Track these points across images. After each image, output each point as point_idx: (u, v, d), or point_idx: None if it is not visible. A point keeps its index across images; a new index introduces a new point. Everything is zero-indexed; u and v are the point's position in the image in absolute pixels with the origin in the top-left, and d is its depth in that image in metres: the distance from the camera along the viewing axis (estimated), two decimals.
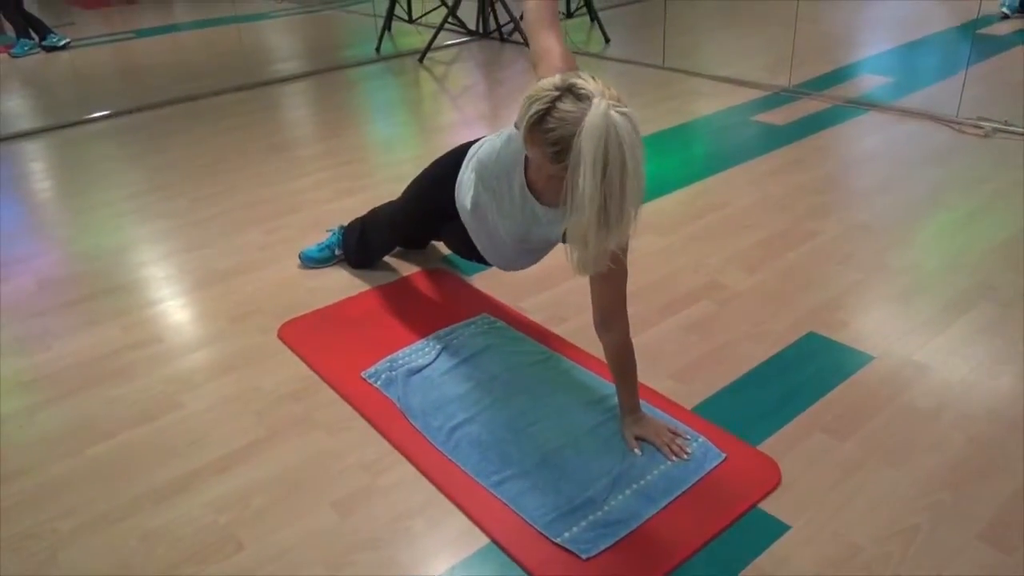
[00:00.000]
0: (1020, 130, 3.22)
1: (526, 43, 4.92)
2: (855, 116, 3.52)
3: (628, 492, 1.56)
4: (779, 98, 3.82)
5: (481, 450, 1.69)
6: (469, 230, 1.94)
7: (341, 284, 2.40)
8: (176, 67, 5.14)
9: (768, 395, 1.84)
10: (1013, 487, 1.55)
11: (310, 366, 2.02)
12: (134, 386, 1.98)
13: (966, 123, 3.32)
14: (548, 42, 1.57)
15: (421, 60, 4.83)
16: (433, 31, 4.87)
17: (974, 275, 2.27)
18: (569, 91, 1.33)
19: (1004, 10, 4.97)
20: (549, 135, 1.34)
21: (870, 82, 3.95)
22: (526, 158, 1.62)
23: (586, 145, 1.26)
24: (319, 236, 2.63)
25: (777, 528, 1.48)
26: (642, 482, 1.59)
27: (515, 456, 1.66)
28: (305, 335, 2.15)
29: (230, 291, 2.39)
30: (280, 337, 2.15)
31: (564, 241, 1.66)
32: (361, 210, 2.69)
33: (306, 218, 2.85)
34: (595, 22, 5.30)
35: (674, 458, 1.63)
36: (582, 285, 2.32)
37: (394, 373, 1.94)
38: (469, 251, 2.03)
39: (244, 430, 1.81)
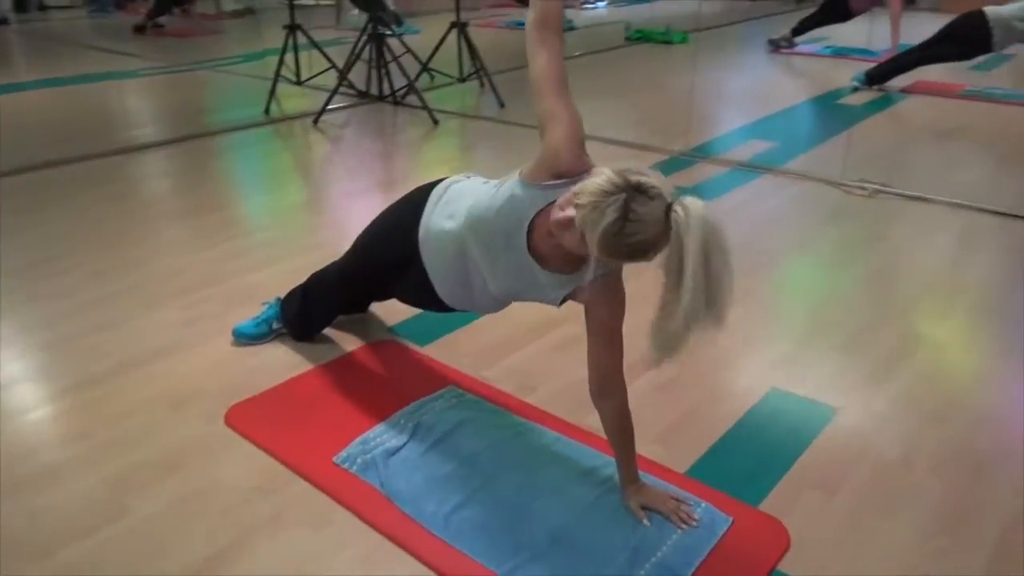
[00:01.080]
0: (898, 191, 3.53)
1: (424, 107, 4.99)
2: (751, 179, 3.74)
3: (648, 567, 1.52)
4: (679, 162, 4.01)
5: (486, 534, 1.60)
6: (435, 275, 1.83)
7: (283, 362, 2.24)
8: (48, 127, 4.74)
9: (751, 454, 1.86)
10: (1000, 523, 1.64)
11: (272, 455, 1.85)
12: (64, 492, 1.74)
13: (851, 185, 3.60)
14: (556, 105, 1.54)
15: (315, 123, 4.71)
16: (321, 92, 4.77)
17: (901, 326, 2.44)
18: (636, 191, 1.31)
19: (855, 83, 5.49)
20: (629, 240, 1.31)
21: (758, 147, 4.22)
22: (530, 224, 1.58)
23: (692, 245, 1.26)
24: (246, 310, 2.46)
25: None
26: (659, 554, 1.55)
27: (524, 538, 1.59)
28: (258, 420, 1.98)
29: (160, 375, 2.17)
30: (229, 424, 1.97)
31: (556, 303, 1.64)
32: (285, 280, 2.55)
33: (228, 291, 2.65)
34: (484, 86, 5.39)
35: (683, 526, 1.61)
36: (541, 350, 2.32)
37: (369, 456, 1.81)
38: (426, 300, 1.93)
39: (210, 535, 1.62)
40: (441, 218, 1.79)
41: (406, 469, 1.78)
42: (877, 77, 5.41)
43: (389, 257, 1.95)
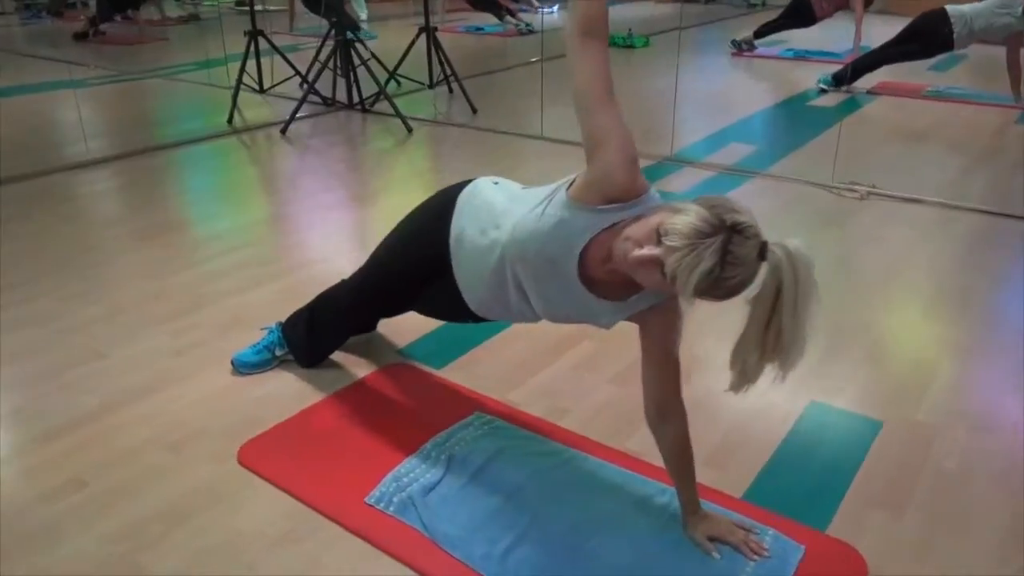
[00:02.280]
0: (889, 193, 3.52)
1: (397, 114, 4.82)
2: (741, 183, 3.69)
3: None
4: (665, 167, 3.94)
5: None
6: (467, 288, 1.71)
7: (291, 391, 2.07)
8: None
9: (806, 473, 1.78)
10: None
11: (295, 497, 1.69)
12: (66, 551, 1.55)
13: (842, 188, 3.58)
14: (607, 122, 1.41)
15: (283, 132, 4.51)
16: (284, 101, 4.57)
17: (922, 331, 2.39)
18: (733, 232, 1.23)
19: (822, 85, 5.53)
20: (726, 283, 1.24)
21: (740, 150, 4.19)
22: (584, 250, 1.45)
23: (790, 285, 1.24)
24: (239, 335, 2.29)
25: None
26: None
27: None
28: (274, 458, 1.81)
29: (155, 412, 1.99)
30: (243, 463, 1.80)
31: (608, 328, 1.54)
32: (276, 301, 2.40)
33: (216, 315, 2.47)
34: (453, 92, 5.26)
35: (755, 557, 1.51)
36: (564, 369, 2.20)
37: (405, 494, 1.67)
38: (455, 312, 1.81)
39: None
40: (474, 230, 1.66)
41: (447, 508, 1.64)
42: (844, 78, 5.45)
43: (415, 268, 1.82)
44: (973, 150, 4.33)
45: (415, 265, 1.81)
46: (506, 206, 1.62)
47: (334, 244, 3.06)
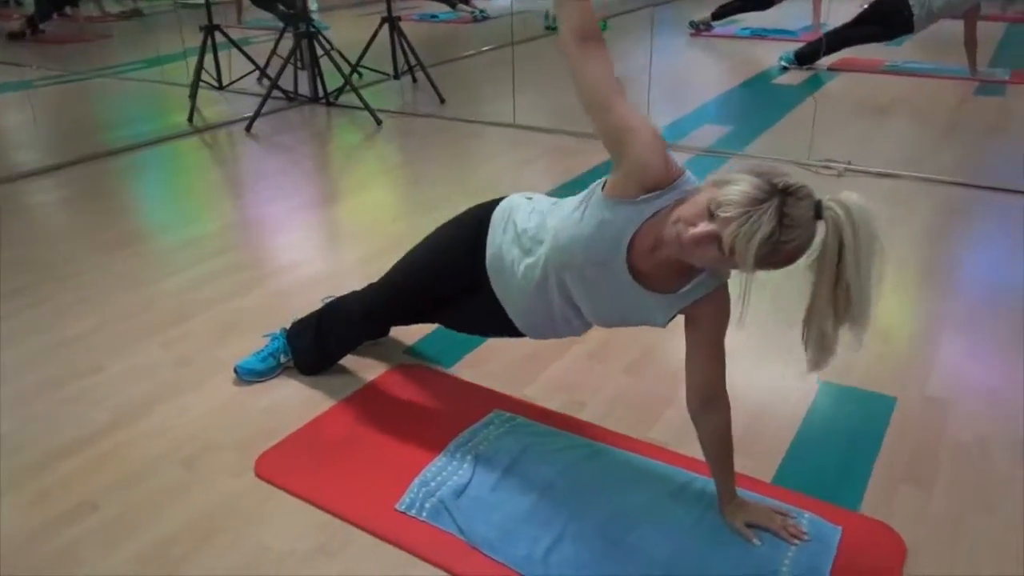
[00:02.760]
0: (865, 169, 3.57)
1: (366, 107, 4.71)
2: (720, 164, 3.69)
3: None
4: None
5: (591, 574, 1.45)
6: (512, 307, 1.69)
7: (301, 398, 2.02)
8: None
9: (831, 454, 1.79)
10: None
11: (321, 507, 1.64)
12: None
13: (818, 165, 3.62)
14: (626, 116, 1.39)
15: (248, 130, 4.38)
16: (244, 97, 4.44)
17: (916, 306, 2.43)
18: (786, 194, 1.22)
19: (784, 63, 5.59)
20: (786, 246, 1.23)
21: (715, 131, 4.21)
22: (630, 244, 1.43)
23: (853, 241, 1.22)
24: (238, 343, 2.22)
25: None
26: None
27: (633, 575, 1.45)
28: (293, 469, 1.76)
29: (162, 426, 1.91)
30: (261, 476, 1.74)
31: (664, 325, 1.52)
32: (271, 306, 2.34)
33: (209, 323, 2.39)
34: (417, 82, 5.18)
35: (796, 542, 1.52)
36: (576, 360, 2.18)
37: (435, 499, 1.64)
38: (495, 327, 1.79)
39: None
40: (513, 248, 1.64)
41: (481, 510, 1.61)
42: (806, 57, 5.52)
43: (447, 285, 1.79)
44: (938, 123, 4.42)
45: (451, 281, 1.79)
46: (542, 219, 1.60)
47: (316, 245, 2.99)
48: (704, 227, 1.26)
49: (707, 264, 1.36)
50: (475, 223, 1.72)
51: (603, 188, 1.47)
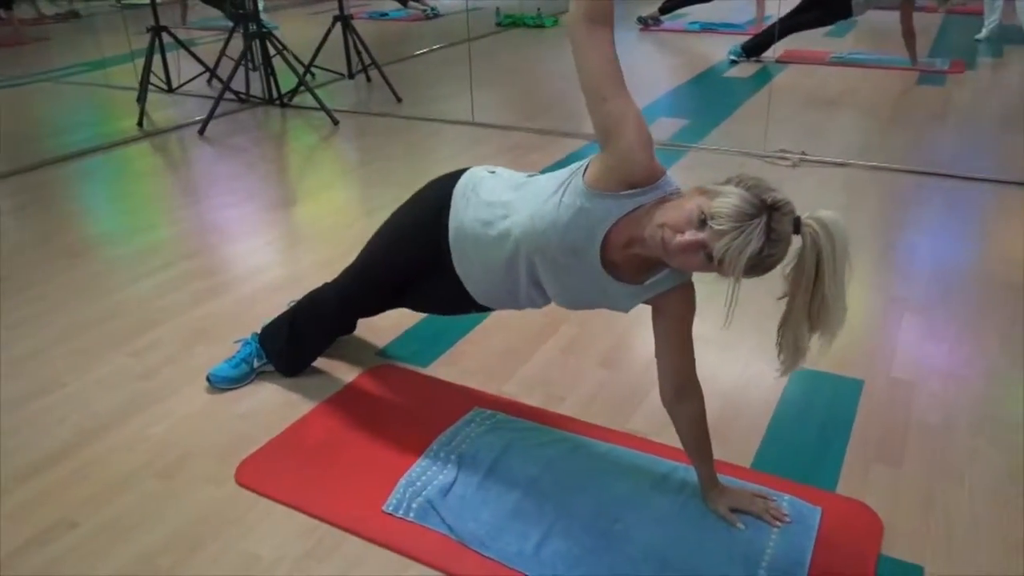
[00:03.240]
0: (819, 159, 3.67)
1: (321, 107, 4.64)
2: (679, 158, 3.76)
3: (763, 574, 1.46)
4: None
5: (582, 565, 1.48)
6: (471, 280, 1.69)
7: (278, 403, 1.99)
8: None
9: (805, 437, 1.84)
10: None
11: (308, 513, 1.63)
12: None
13: (774, 156, 3.70)
14: (621, 108, 1.40)
15: (202, 133, 4.30)
16: (194, 99, 4.35)
17: (882, 289, 2.51)
18: (773, 210, 1.27)
19: (732, 56, 5.69)
20: (768, 260, 1.28)
21: (671, 125, 4.27)
22: (606, 236, 1.45)
23: (830, 254, 1.29)
24: (208, 350, 2.20)
25: (914, 572, 1.47)
26: (767, 558, 1.49)
27: (624, 564, 1.48)
28: (275, 475, 1.74)
29: (136, 439, 1.87)
30: (243, 484, 1.72)
31: (627, 311, 1.55)
32: (239, 311, 2.32)
33: (177, 330, 2.34)
34: (372, 81, 5.14)
35: (777, 524, 1.56)
36: (551, 355, 2.20)
37: (422, 499, 1.64)
38: (454, 305, 1.80)
39: None
40: (477, 223, 1.63)
41: (469, 508, 1.61)
42: (753, 49, 5.63)
43: (414, 263, 1.78)
44: (885, 112, 4.55)
45: (414, 260, 1.78)
46: (511, 196, 1.59)
47: (278, 248, 2.95)
48: (693, 236, 1.29)
49: (688, 268, 1.40)
50: (435, 200, 1.71)
51: (584, 174, 1.47)
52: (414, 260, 1.77)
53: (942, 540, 1.54)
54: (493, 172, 1.71)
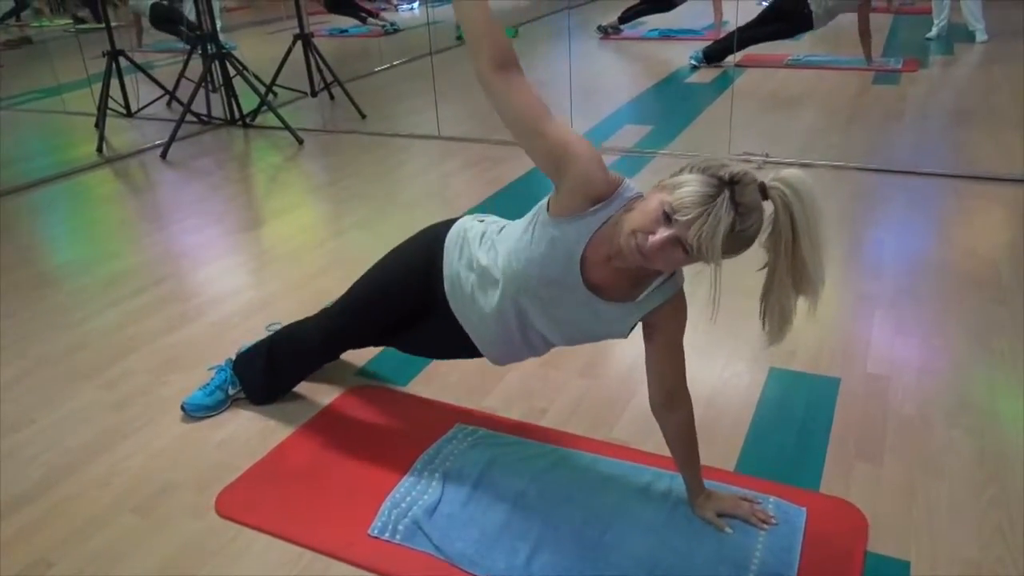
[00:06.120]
0: (781, 160, 3.72)
1: (286, 126, 4.59)
2: (646, 163, 3.79)
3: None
4: None
5: None
6: (476, 334, 1.67)
7: (255, 430, 1.96)
8: None
9: (786, 437, 1.86)
10: None
11: (292, 541, 1.60)
12: None
13: (738, 159, 3.75)
14: (560, 136, 1.38)
15: (164, 156, 4.24)
16: (154, 123, 4.30)
17: (850, 288, 2.54)
18: (733, 183, 1.25)
19: (693, 62, 5.76)
20: (746, 232, 1.27)
21: (636, 131, 4.30)
22: (583, 257, 1.45)
23: (801, 213, 1.27)
24: (181, 379, 2.16)
25: (900, 567, 1.49)
26: (756, 561, 1.49)
27: (614, 575, 1.47)
28: (257, 504, 1.71)
29: (110, 473, 1.83)
30: (223, 515, 1.69)
31: (625, 335, 1.54)
32: (213, 337, 2.29)
33: (148, 359, 2.30)
34: (335, 98, 5.11)
35: (764, 526, 1.57)
36: (531, 369, 2.19)
37: (408, 520, 1.62)
38: (456, 350, 1.77)
39: None
40: (469, 275, 1.62)
41: (456, 527, 1.60)
42: (714, 55, 5.70)
43: (406, 308, 1.77)
44: (843, 112, 4.63)
45: (405, 306, 1.76)
46: (495, 248, 1.59)
47: (248, 271, 2.91)
48: (664, 233, 1.28)
49: (672, 267, 1.38)
50: (428, 246, 1.71)
51: (548, 208, 1.47)
52: (408, 305, 1.76)
53: (925, 532, 1.56)
54: (482, 221, 1.70)
